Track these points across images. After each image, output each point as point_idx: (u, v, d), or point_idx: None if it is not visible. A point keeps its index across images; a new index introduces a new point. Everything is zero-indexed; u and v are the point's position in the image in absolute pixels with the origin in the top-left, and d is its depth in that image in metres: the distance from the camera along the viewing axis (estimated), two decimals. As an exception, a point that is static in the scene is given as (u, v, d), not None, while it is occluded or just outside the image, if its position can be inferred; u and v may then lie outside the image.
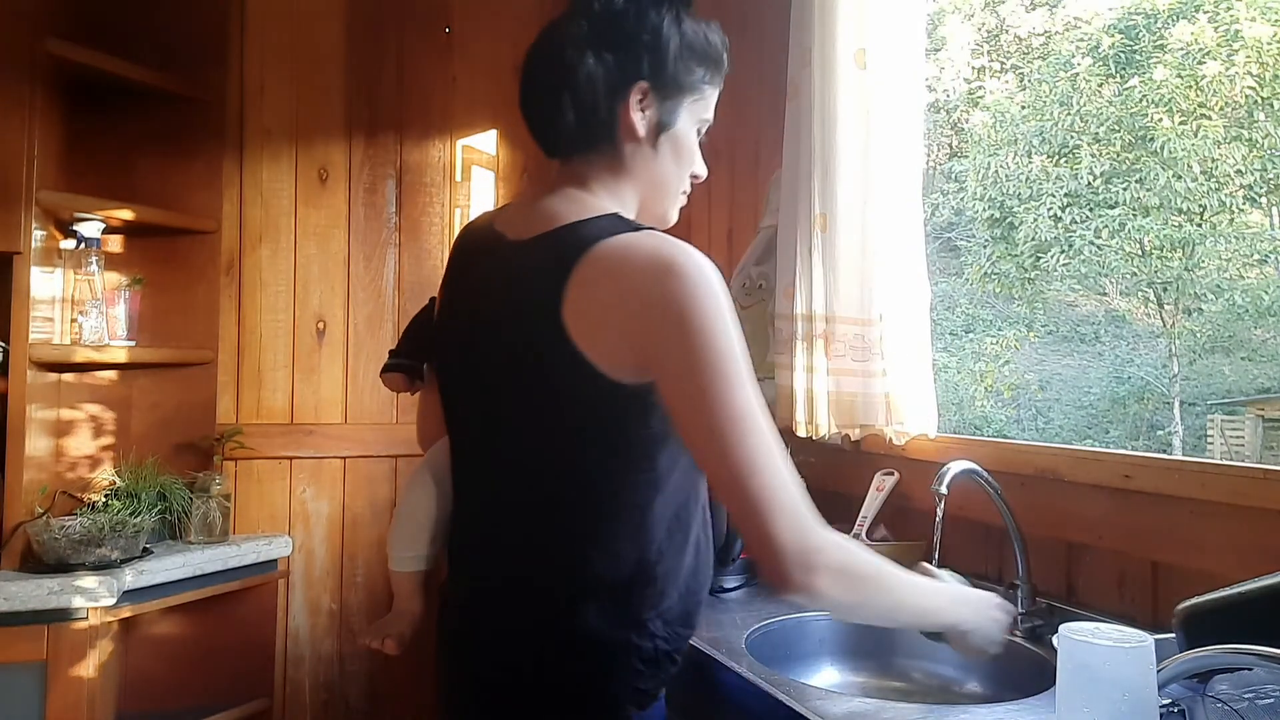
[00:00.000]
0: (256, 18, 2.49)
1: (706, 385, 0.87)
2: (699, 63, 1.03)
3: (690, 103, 1.04)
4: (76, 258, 2.13)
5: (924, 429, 1.64)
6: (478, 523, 1.08)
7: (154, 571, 2.01)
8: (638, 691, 0.97)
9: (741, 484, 0.86)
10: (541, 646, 0.97)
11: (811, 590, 0.86)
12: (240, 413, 2.46)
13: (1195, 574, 1.16)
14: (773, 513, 0.85)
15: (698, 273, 0.90)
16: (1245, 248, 9.63)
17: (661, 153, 1.04)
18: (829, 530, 0.88)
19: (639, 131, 1.01)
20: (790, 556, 0.85)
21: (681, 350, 0.88)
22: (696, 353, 0.88)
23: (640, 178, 1.04)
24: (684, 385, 0.89)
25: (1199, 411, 10.30)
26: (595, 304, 0.91)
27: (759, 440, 0.87)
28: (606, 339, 0.91)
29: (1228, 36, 9.36)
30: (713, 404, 0.87)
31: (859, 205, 1.66)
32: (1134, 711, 0.73)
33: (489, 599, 1.04)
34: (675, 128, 1.03)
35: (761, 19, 2.23)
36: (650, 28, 0.99)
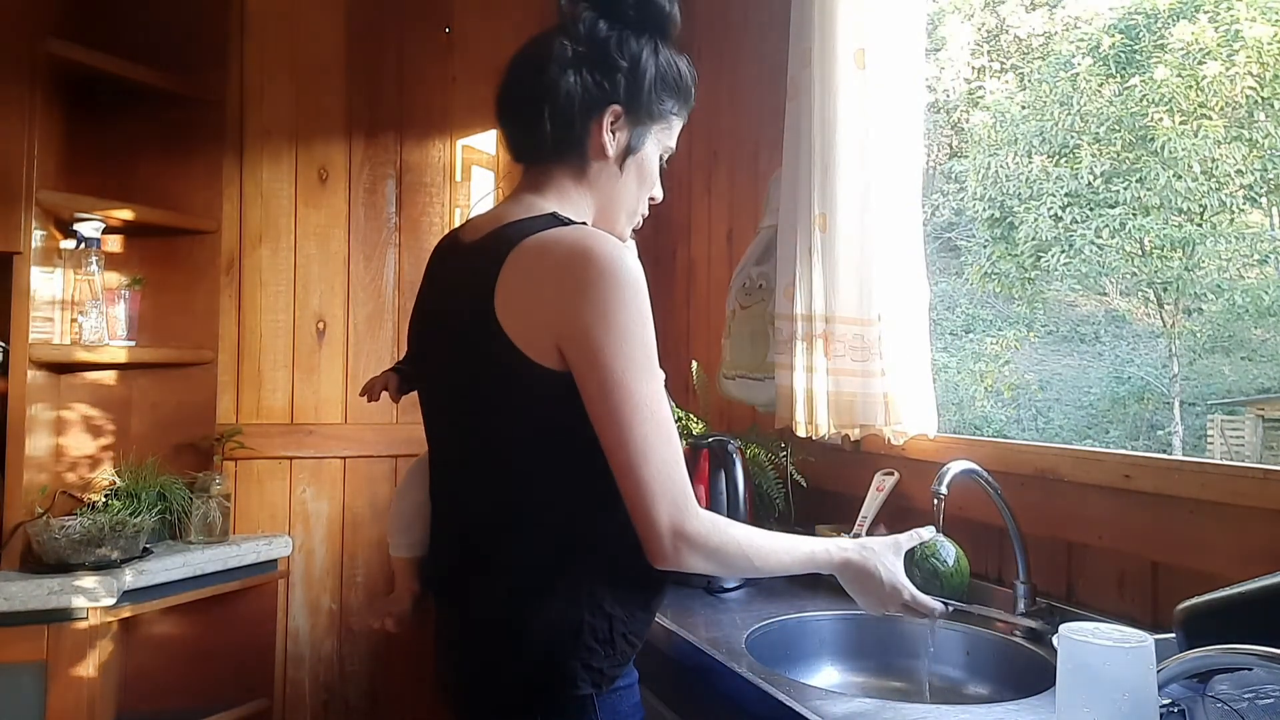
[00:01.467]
0: (256, 17, 2.49)
1: (610, 370, 0.93)
2: (670, 94, 1.10)
3: (658, 130, 1.11)
4: (76, 258, 2.13)
5: (923, 429, 1.64)
6: (444, 517, 1.13)
7: (154, 571, 2.01)
8: (590, 669, 0.99)
9: (633, 469, 0.93)
10: (499, 631, 1.01)
11: (683, 568, 0.96)
12: (240, 413, 2.46)
13: (1195, 574, 1.16)
14: (656, 498, 0.93)
15: (611, 261, 0.95)
16: (1245, 248, 9.63)
17: (626, 174, 1.10)
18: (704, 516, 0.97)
19: (608, 151, 1.07)
20: (667, 539, 0.94)
21: (589, 335, 0.93)
22: (603, 338, 0.93)
23: (601, 193, 1.10)
24: (590, 369, 0.94)
25: (1199, 411, 10.30)
26: (520, 294, 0.96)
27: (654, 428, 0.94)
28: (530, 326, 0.95)
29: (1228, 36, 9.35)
30: (615, 389, 0.93)
31: (859, 205, 1.66)
32: (1134, 711, 0.73)
33: (454, 589, 1.09)
34: (641, 152, 1.10)
35: (761, 19, 2.23)
36: (630, 55, 1.06)
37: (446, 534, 1.13)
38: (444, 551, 1.14)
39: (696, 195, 2.59)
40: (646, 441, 0.93)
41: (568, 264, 0.95)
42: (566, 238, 0.97)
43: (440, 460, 1.14)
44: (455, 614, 1.09)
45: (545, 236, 0.97)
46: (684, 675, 1.34)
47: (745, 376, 2.01)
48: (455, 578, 1.09)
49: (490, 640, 1.02)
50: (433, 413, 1.15)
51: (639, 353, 0.94)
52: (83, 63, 2.08)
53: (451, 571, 1.10)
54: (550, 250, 0.96)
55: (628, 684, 1.05)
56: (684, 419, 2.01)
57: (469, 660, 1.07)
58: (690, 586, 1.60)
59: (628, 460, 0.93)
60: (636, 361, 0.94)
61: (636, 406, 0.93)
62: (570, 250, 0.95)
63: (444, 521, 1.14)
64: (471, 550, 1.06)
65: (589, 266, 0.94)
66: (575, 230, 0.98)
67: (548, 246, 0.97)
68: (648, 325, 0.96)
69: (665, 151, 1.14)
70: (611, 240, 0.97)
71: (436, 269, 1.17)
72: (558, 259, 0.95)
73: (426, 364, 1.16)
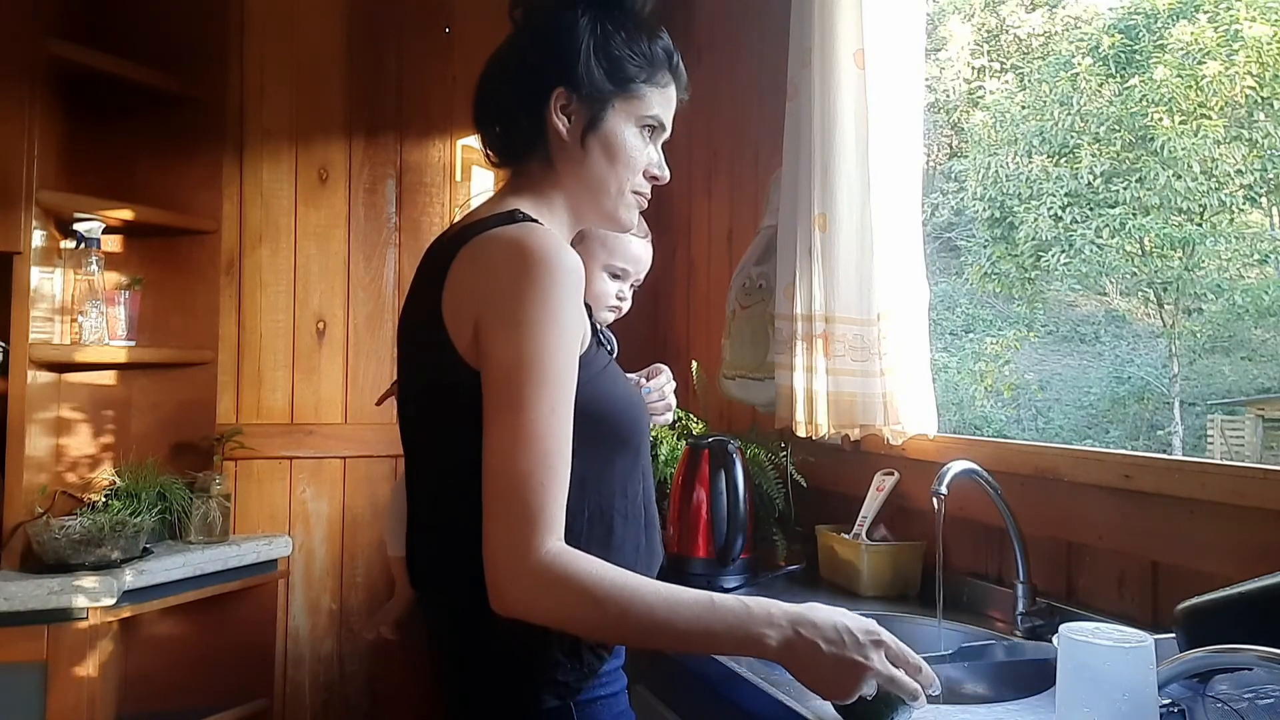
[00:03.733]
0: (256, 17, 2.49)
1: (508, 369, 0.86)
2: (626, 62, 1.03)
3: (621, 103, 1.04)
4: (76, 258, 2.13)
5: (923, 429, 1.64)
6: (413, 520, 1.10)
7: (154, 571, 2.01)
8: (557, 683, 0.96)
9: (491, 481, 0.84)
10: (463, 643, 0.99)
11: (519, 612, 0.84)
12: (240, 413, 2.46)
13: (1195, 574, 1.16)
14: (495, 521, 0.83)
15: (544, 256, 0.89)
16: (1245, 248, 9.64)
17: (590, 153, 1.04)
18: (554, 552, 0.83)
19: (564, 134, 1.03)
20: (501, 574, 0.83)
21: (499, 325, 0.88)
22: (511, 331, 0.87)
23: (571, 179, 1.05)
24: (491, 362, 0.88)
25: (1199, 411, 10.30)
26: (459, 294, 0.93)
27: (528, 444, 0.84)
28: (460, 319, 0.91)
29: (1228, 36, 9.36)
30: (505, 390, 0.86)
31: (858, 205, 1.66)
32: (1134, 711, 0.73)
33: (424, 599, 1.07)
34: (604, 127, 1.03)
35: (761, 19, 2.23)
36: (560, 31, 1.02)
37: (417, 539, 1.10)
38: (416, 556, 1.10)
39: (696, 195, 2.59)
40: (512, 455, 0.84)
41: (498, 263, 0.91)
42: (506, 233, 0.93)
43: (408, 466, 1.10)
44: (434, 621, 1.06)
45: (491, 233, 0.94)
46: (684, 675, 1.34)
47: (745, 376, 2.01)
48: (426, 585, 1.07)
49: (458, 652, 1.00)
50: (402, 416, 1.11)
51: (540, 352, 0.86)
52: (83, 63, 2.08)
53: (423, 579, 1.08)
54: (487, 246, 0.93)
55: (610, 693, 1.01)
56: (684, 419, 2.01)
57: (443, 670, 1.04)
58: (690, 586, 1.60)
59: (489, 472, 0.85)
60: (532, 361, 0.86)
61: (515, 413, 0.84)
62: (503, 247, 0.92)
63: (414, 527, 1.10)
64: (435, 559, 1.03)
65: (517, 256, 0.89)
66: (519, 228, 0.94)
67: (488, 243, 0.93)
68: (563, 329, 0.88)
69: (644, 123, 1.07)
70: (555, 240, 0.92)
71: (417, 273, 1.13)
72: (491, 257, 0.92)
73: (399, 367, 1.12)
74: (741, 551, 1.64)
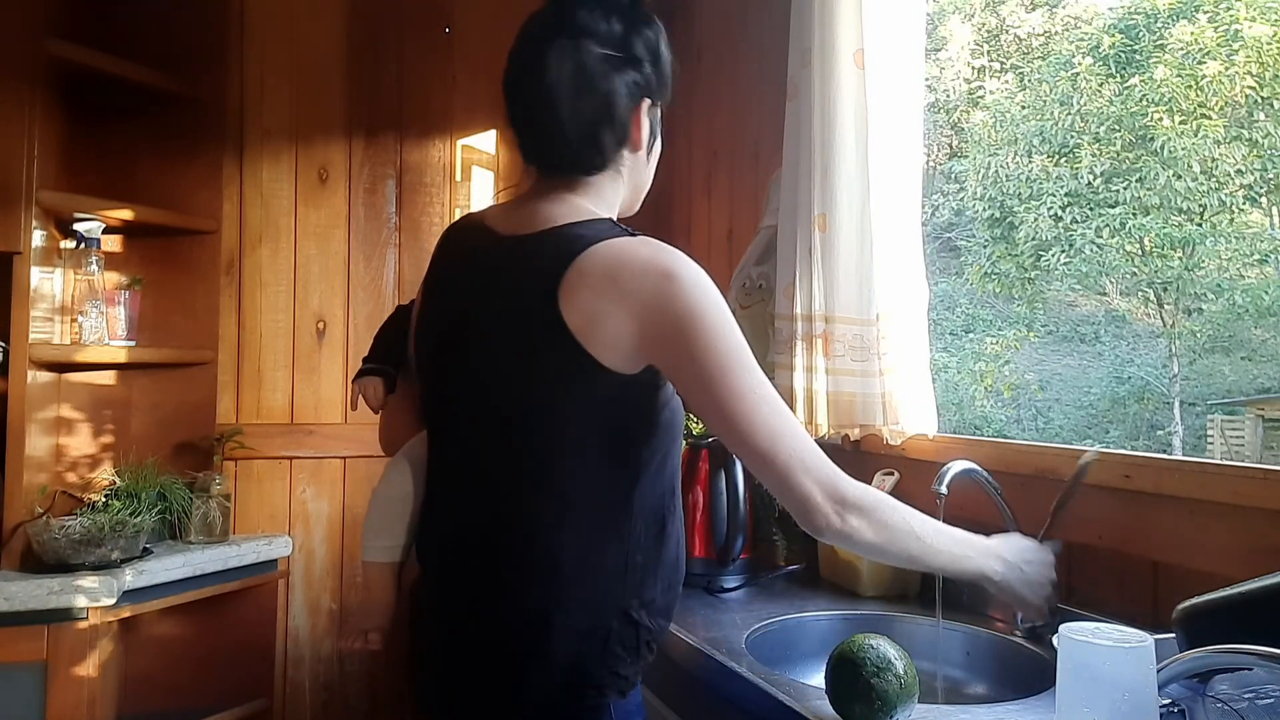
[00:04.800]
0: (256, 17, 2.49)
1: (720, 375, 0.96)
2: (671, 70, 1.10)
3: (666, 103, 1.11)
4: (76, 258, 2.13)
5: (922, 429, 1.64)
6: (455, 520, 1.10)
7: (154, 571, 2.01)
8: (617, 677, 1.00)
9: (769, 457, 0.95)
10: (523, 641, 0.99)
11: (847, 533, 0.97)
12: (240, 413, 2.46)
13: (1195, 574, 1.16)
14: (803, 475, 0.95)
15: (697, 276, 0.98)
16: (1245, 247, 9.64)
17: (651, 159, 1.13)
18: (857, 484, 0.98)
19: (642, 145, 1.08)
20: (826, 508, 0.95)
21: (694, 348, 0.96)
22: (708, 348, 0.96)
23: (633, 182, 1.11)
24: (698, 378, 0.96)
25: (1199, 411, 10.31)
26: (592, 300, 0.96)
27: (775, 414, 0.97)
28: (604, 333, 0.95)
29: (1228, 36, 9.36)
30: (728, 392, 0.96)
31: (858, 205, 1.66)
32: (1134, 711, 0.73)
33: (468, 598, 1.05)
34: (658, 133, 1.12)
35: (761, 19, 2.23)
36: (649, 47, 1.06)
37: (453, 542, 1.09)
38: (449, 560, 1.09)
39: (696, 195, 2.59)
40: (773, 429, 0.96)
41: (653, 281, 0.96)
42: (641, 251, 0.98)
43: (458, 463, 1.10)
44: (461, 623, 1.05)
45: (615, 247, 0.98)
46: (684, 675, 1.34)
47: (745, 376, 2.01)
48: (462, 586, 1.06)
49: (513, 650, 1.00)
50: (451, 414, 1.11)
51: (742, 353, 0.98)
52: (83, 63, 2.08)
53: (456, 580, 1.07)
54: (627, 262, 0.97)
55: (638, 683, 1.06)
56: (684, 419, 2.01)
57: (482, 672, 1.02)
58: (690, 587, 1.60)
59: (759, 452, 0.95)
60: (743, 360, 0.97)
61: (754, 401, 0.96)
62: (649, 265, 0.97)
63: (449, 528, 1.09)
64: (490, 558, 1.03)
65: (677, 284, 0.96)
66: (646, 244, 1.00)
67: (622, 258, 0.98)
68: (735, 324, 0.99)
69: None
70: (684, 256, 0.99)
71: (463, 264, 1.12)
72: (639, 272, 0.97)
73: (450, 361, 1.10)
74: (741, 551, 1.64)
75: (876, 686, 0.96)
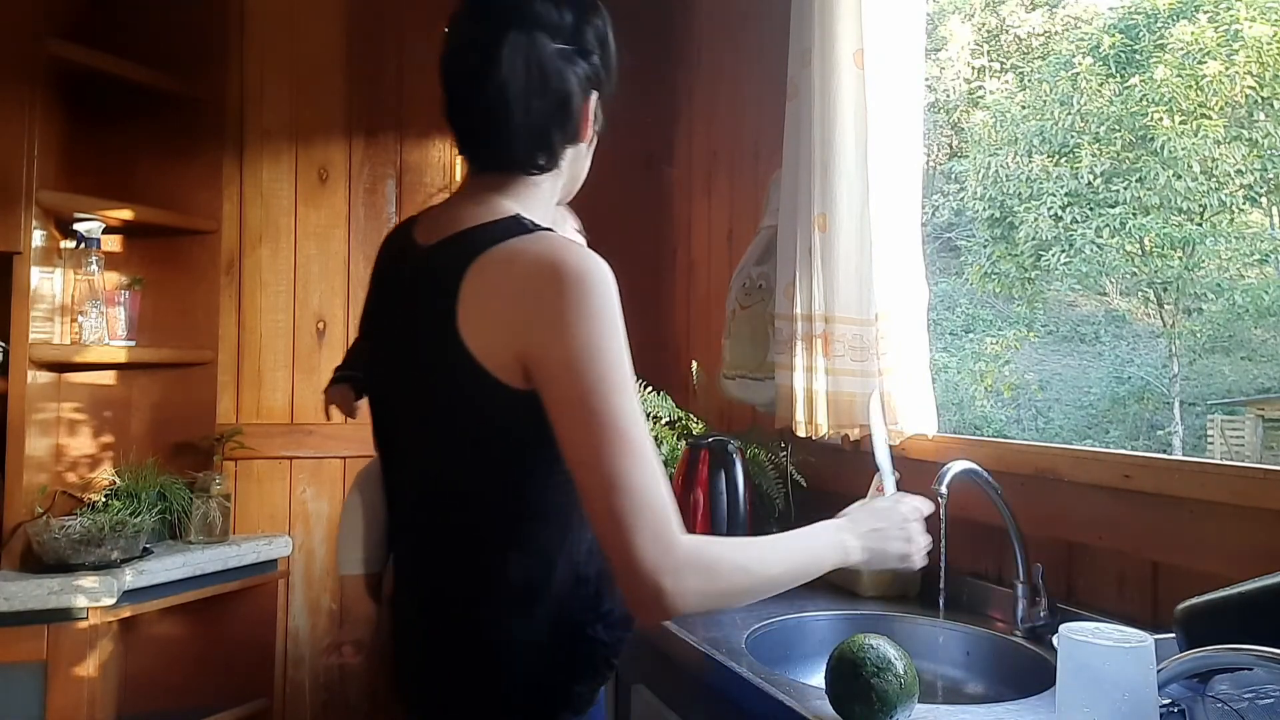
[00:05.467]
0: (256, 18, 2.49)
1: (584, 392, 0.85)
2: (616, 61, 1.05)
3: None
4: (76, 258, 2.13)
5: (922, 429, 1.64)
6: (407, 533, 1.06)
7: (154, 571, 2.01)
8: (573, 695, 0.97)
9: (607, 499, 0.82)
10: (474, 658, 0.96)
11: (677, 612, 0.83)
12: (240, 413, 2.46)
13: (1195, 574, 1.16)
14: (634, 531, 0.81)
15: (582, 274, 0.87)
16: (1245, 247, 9.64)
17: (591, 147, 1.07)
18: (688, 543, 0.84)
19: (588, 137, 1.03)
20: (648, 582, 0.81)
21: (560, 354, 0.85)
22: (574, 358, 0.85)
23: (571, 174, 1.06)
24: (561, 391, 0.86)
25: (1199, 411, 10.31)
26: (485, 309, 0.89)
27: (631, 453, 0.83)
28: (495, 342, 0.89)
29: (1228, 36, 9.36)
30: (589, 412, 0.84)
31: (858, 205, 1.66)
32: (1134, 711, 0.73)
33: (423, 614, 1.02)
34: (600, 123, 1.06)
35: (761, 19, 2.23)
36: (599, 36, 1.01)
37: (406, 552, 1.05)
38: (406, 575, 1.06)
39: (696, 195, 2.59)
40: (620, 468, 0.83)
41: (536, 279, 0.88)
42: (532, 249, 0.91)
43: (400, 477, 1.06)
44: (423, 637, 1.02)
45: (512, 246, 0.91)
46: (684, 675, 1.34)
47: (745, 376, 2.01)
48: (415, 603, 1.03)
49: (462, 673, 0.97)
50: (389, 425, 1.07)
51: (612, 370, 0.85)
52: (83, 63, 2.08)
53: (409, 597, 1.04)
54: (517, 262, 0.90)
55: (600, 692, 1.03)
56: (684, 419, 2.01)
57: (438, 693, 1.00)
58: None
59: (600, 490, 0.83)
60: (609, 379, 0.85)
61: (609, 429, 0.84)
62: (536, 262, 0.89)
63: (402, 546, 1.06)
64: (435, 574, 1.00)
65: (557, 279, 0.87)
66: (542, 240, 0.92)
67: (513, 259, 0.90)
68: (620, 338, 0.88)
69: None
70: (582, 251, 0.91)
71: (388, 271, 1.07)
72: (524, 270, 0.89)
73: (381, 371, 1.07)
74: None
75: (876, 686, 0.96)
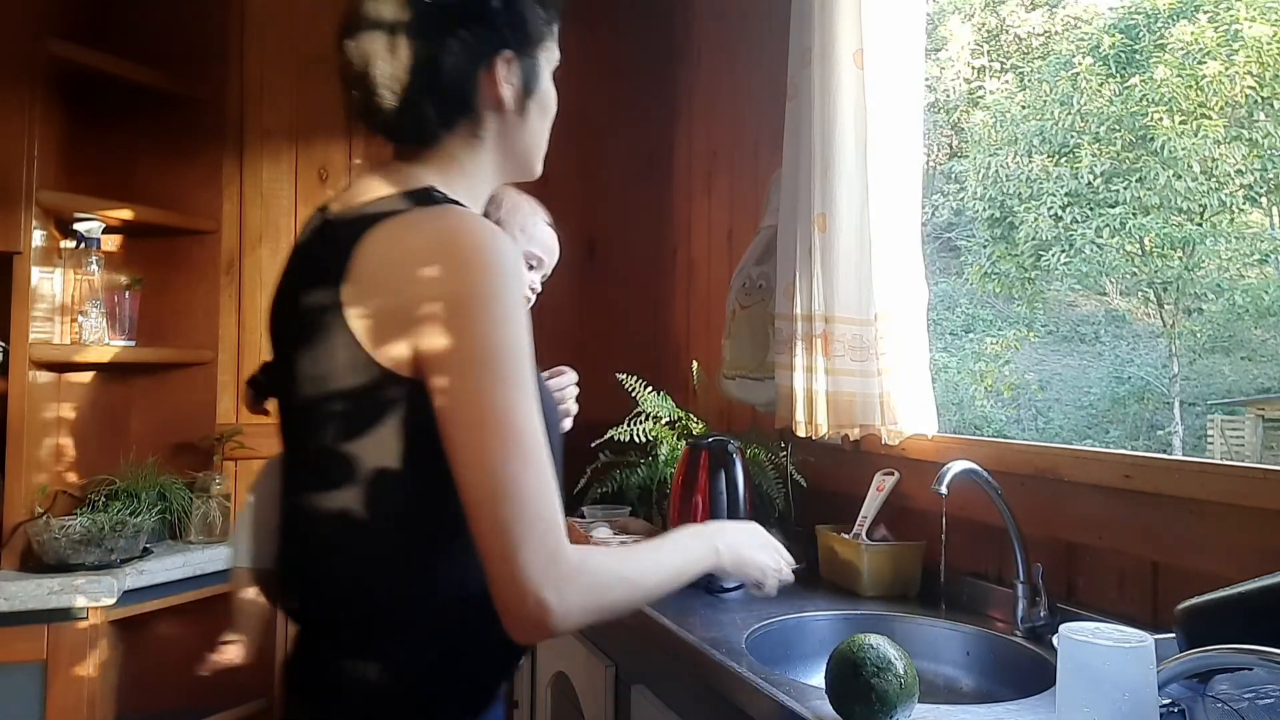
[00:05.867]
0: (256, 18, 2.49)
1: (474, 386, 0.77)
2: (546, 7, 0.94)
3: (546, 52, 0.96)
4: (76, 258, 2.13)
5: (921, 429, 1.64)
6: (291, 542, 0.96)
7: (154, 571, 2.01)
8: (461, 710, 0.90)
9: (494, 505, 0.75)
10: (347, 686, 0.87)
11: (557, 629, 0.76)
12: (240, 413, 2.45)
13: (1195, 574, 1.16)
14: (522, 544, 0.74)
15: (480, 251, 0.79)
16: (1245, 247, 9.65)
17: (530, 117, 0.95)
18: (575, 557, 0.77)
19: (508, 104, 0.92)
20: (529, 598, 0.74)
21: (451, 342, 0.77)
22: (467, 346, 0.77)
23: (505, 147, 0.95)
24: (450, 382, 0.78)
25: (1199, 411, 10.31)
26: (369, 286, 0.80)
27: (521, 456, 0.76)
28: (381, 325, 0.80)
29: (1228, 36, 9.37)
30: (479, 409, 0.77)
31: (858, 205, 1.66)
32: (1134, 711, 0.73)
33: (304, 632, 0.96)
34: (540, 87, 0.95)
35: (761, 19, 2.23)
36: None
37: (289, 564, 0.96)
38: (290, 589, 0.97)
39: (696, 195, 2.58)
40: (510, 471, 0.75)
41: (426, 256, 0.79)
42: (428, 221, 0.82)
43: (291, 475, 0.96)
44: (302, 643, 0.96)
45: (407, 218, 0.82)
46: (684, 675, 1.34)
47: (745, 376, 2.01)
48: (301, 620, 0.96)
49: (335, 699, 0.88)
50: (285, 420, 0.97)
51: (507, 362, 0.77)
52: (83, 63, 2.08)
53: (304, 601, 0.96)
54: (408, 235, 0.81)
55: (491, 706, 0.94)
56: (684, 419, 2.01)
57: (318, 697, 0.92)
58: (691, 586, 1.60)
59: (487, 494, 0.76)
60: (502, 373, 0.77)
61: (500, 427, 0.76)
62: (430, 235, 0.80)
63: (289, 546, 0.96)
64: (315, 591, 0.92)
65: (448, 259, 0.78)
66: (438, 212, 0.83)
67: (407, 230, 0.81)
68: (519, 326, 0.79)
69: (554, 65, 0.98)
70: (483, 225, 0.82)
71: (292, 254, 0.96)
72: (415, 246, 0.80)
73: (277, 360, 0.96)
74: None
75: (876, 686, 0.95)
